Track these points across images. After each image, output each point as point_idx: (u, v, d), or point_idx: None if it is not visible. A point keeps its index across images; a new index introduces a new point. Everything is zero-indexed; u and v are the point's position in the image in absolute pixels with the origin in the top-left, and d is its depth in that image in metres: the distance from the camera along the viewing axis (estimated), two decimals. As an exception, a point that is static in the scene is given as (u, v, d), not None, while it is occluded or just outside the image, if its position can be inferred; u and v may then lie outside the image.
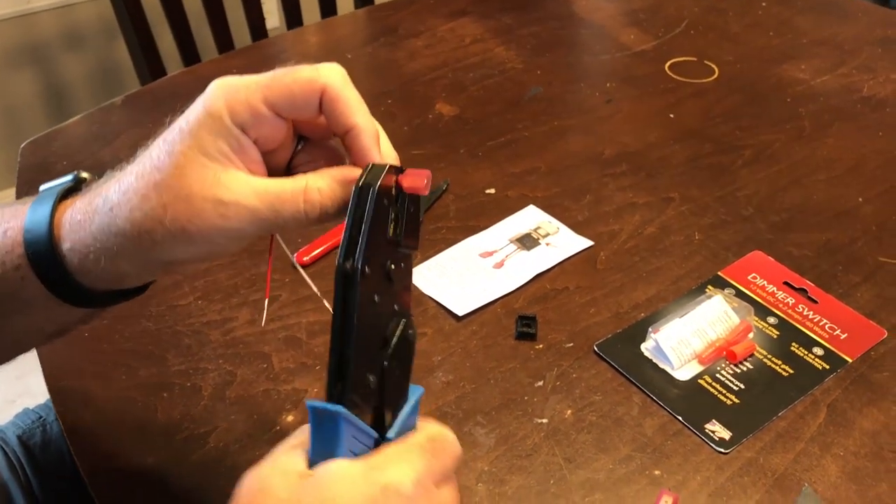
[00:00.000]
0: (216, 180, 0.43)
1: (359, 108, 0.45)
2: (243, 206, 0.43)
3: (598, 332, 0.69)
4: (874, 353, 0.67)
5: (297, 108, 0.45)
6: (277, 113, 0.44)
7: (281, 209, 0.44)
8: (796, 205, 0.83)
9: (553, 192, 0.84)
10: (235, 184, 0.44)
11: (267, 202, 0.44)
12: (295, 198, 0.44)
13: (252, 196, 0.44)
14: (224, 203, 0.43)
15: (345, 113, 0.44)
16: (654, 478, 0.58)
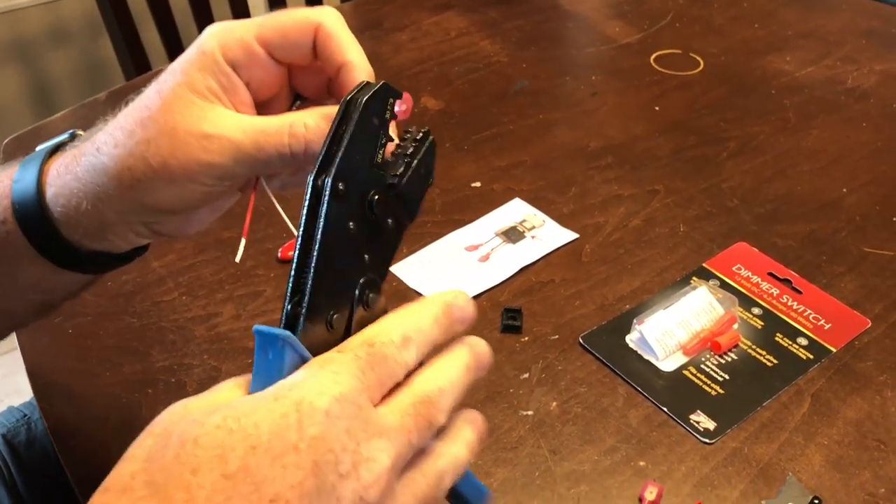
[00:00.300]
0: (202, 115, 0.43)
1: (352, 46, 0.44)
2: (227, 139, 0.43)
3: (583, 325, 0.69)
4: (858, 343, 0.68)
5: (290, 46, 0.44)
6: (271, 53, 0.44)
7: (265, 143, 0.43)
8: (781, 196, 0.83)
9: (538, 185, 0.84)
10: (221, 119, 0.43)
11: (251, 136, 0.43)
12: (280, 132, 0.43)
13: (237, 130, 0.43)
14: (207, 136, 0.43)
15: (338, 50, 0.44)
16: (639, 469, 0.58)
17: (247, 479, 0.32)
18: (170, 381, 0.64)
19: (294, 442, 0.33)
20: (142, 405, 0.63)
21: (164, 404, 0.61)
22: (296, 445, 0.33)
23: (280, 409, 0.33)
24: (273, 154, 0.43)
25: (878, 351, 0.67)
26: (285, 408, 0.33)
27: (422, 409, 0.37)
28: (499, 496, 0.57)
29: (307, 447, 0.33)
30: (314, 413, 0.33)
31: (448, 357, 0.40)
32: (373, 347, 0.37)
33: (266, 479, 0.32)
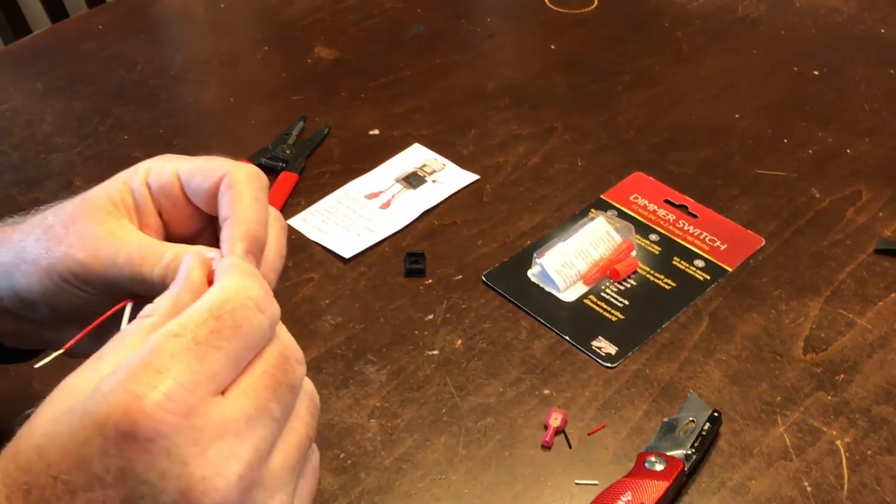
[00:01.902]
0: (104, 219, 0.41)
1: (248, 205, 0.40)
2: (107, 245, 0.40)
3: (485, 263, 0.69)
4: (753, 261, 0.69)
5: (198, 186, 0.41)
6: (184, 189, 0.42)
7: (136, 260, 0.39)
8: (675, 125, 0.84)
9: (437, 129, 0.84)
10: (117, 228, 0.41)
11: (129, 251, 0.40)
12: (154, 254, 0.40)
13: (122, 242, 0.40)
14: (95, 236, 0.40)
15: (231, 202, 0.40)
16: (544, 397, 0.59)
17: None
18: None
19: (98, 474, 0.29)
20: (32, 377, 0.60)
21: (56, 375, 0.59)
22: (101, 479, 0.29)
23: (82, 432, 0.29)
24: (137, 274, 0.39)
25: (772, 267, 0.69)
26: (87, 431, 0.29)
27: (277, 374, 0.33)
28: (406, 435, 0.57)
29: (114, 480, 0.29)
30: (120, 438, 0.29)
31: None
32: (219, 321, 0.32)
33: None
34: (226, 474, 0.30)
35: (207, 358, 0.31)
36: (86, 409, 0.29)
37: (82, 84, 0.89)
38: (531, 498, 0.53)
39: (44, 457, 0.29)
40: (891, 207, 0.74)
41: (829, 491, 0.53)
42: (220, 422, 0.30)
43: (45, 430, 0.30)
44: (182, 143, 0.82)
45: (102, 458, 0.29)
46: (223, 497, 0.30)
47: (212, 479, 0.29)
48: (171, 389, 0.29)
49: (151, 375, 0.29)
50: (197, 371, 0.30)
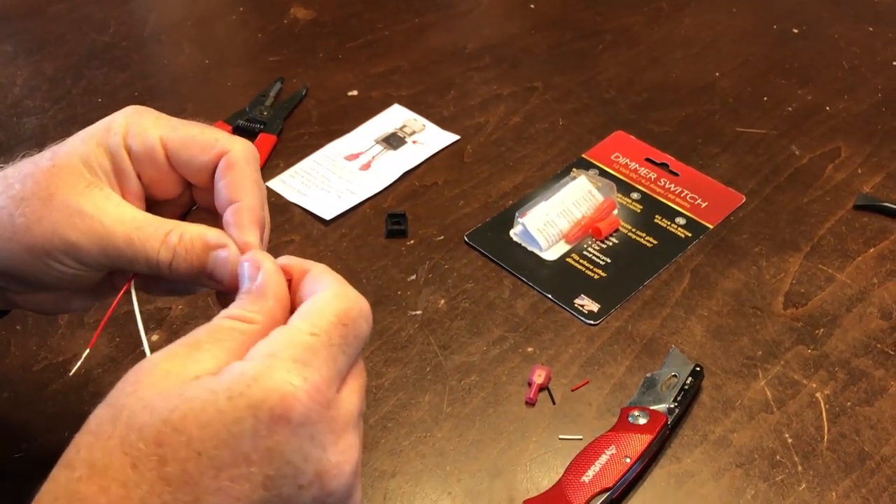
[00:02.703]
0: (85, 191, 0.39)
1: (251, 187, 0.41)
2: (99, 224, 0.39)
3: (468, 224, 0.69)
4: (733, 218, 0.70)
5: (187, 161, 0.41)
6: (169, 158, 0.41)
7: (136, 242, 0.39)
8: (656, 84, 0.83)
9: (417, 89, 0.83)
10: (103, 201, 0.39)
11: (126, 230, 0.39)
12: (155, 235, 0.39)
13: (114, 218, 0.39)
14: (81, 213, 0.39)
15: (233, 186, 0.40)
16: (527, 355, 0.59)
17: (186, 486, 0.30)
18: (40, 315, 0.61)
19: (246, 452, 0.30)
20: (10, 343, 0.59)
21: (35, 339, 0.59)
22: (247, 456, 0.31)
23: (233, 412, 0.30)
24: (141, 255, 0.40)
25: (752, 224, 0.69)
26: (239, 411, 0.31)
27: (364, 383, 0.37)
28: (390, 394, 0.57)
29: (260, 459, 0.31)
30: (273, 421, 0.31)
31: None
32: (346, 328, 0.34)
33: (208, 490, 0.30)
34: (351, 461, 0.33)
35: (338, 359, 0.34)
36: (234, 391, 0.31)
37: (53, 46, 0.87)
38: (516, 453, 0.53)
39: (181, 431, 0.30)
40: (869, 164, 0.75)
41: (809, 442, 0.54)
42: (346, 415, 0.34)
43: (173, 405, 0.31)
44: (157, 105, 0.78)
45: (253, 438, 0.31)
46: (347, 480, 0.33)
47: (342, 465, 0.33)
48: (318, 382, 0.32)
49: (301, 367, 0.32)
50: (332, 368, 0.33)
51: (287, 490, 0.31)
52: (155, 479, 0.30)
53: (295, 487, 0.32)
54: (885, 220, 0.69)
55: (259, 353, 0.33)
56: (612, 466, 0.50)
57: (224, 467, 0.30)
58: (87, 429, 0.32)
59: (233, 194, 0.40)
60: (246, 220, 0.40)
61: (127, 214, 0.40)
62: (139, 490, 0.30)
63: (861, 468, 0.53)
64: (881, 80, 0.84)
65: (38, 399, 0.56)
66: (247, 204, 0.40)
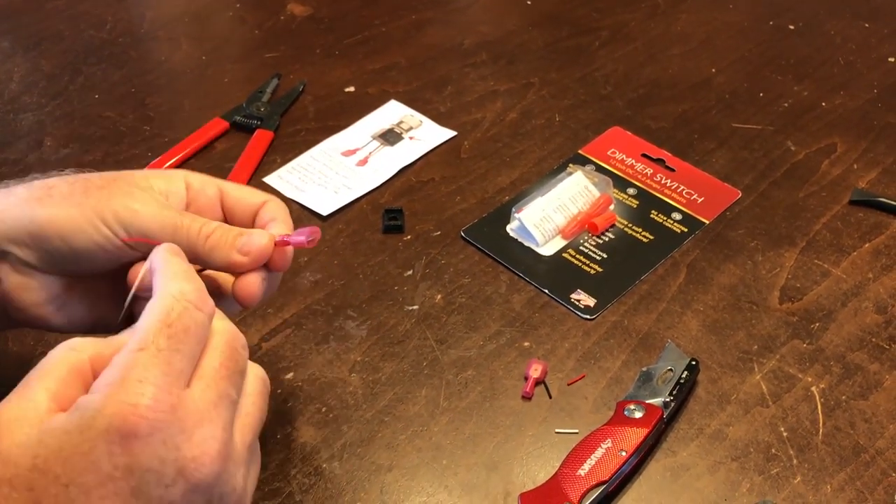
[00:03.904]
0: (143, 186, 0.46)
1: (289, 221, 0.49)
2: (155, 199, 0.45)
3: (464, 219, 0.69)
4: (729, 214, 0.70)
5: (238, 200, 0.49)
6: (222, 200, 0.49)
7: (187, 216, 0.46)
8: (652, 80, 0.84)
9: (414, 85, 0.83)
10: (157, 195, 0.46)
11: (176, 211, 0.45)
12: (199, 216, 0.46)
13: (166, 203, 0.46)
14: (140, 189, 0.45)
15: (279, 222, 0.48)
16: (524, 349, 0.59)
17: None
18: None
19: (108, 472, 0.34)
20: (8, 337, 0.60)
21: (33, 333, 0.59)
22: (111, 475, 0.34)
23: (87, 444, 0.34)
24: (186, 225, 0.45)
25: (748, 219, 0.69)
26: (92, 442, 0.34)
27: (230, 364, 0.39)
28: (387, 388, 0.57)
29: (122, 475, 0.34)
30: (123, 440, 0.34)
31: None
32: (171, 328, 0.37)
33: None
34: (209, 452, 0.36)
35: (172, 361, 0.36)
36: (84, 426, 0.34)
37: (50, 43, 0.87)
38: (512, 447, 0.54)
39: (47, 472, 0.33)
40: (865, 159, 0.75)
41: (804, 435, 0.54)
42: (196, 411, 0.36)
43: (34, 453, 0.34)
44: (154, 101, 0.80)
45: (110, 459, 0.34)
46: (210, 469, 0.35)
47: (200, 458, 0.35)
48: (155, 393, 0.35)
49: (135, 386, 0.35)
50: (168, 374, 0.36)
51: (155, 492, 0.34)
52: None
53: (162, 488, 0.34)
54: (880, 216, 0.70)
55: (100, 384, 0.35)
56: (608, 460, 0.50)
57: (92, 490, 0.33)
58: None
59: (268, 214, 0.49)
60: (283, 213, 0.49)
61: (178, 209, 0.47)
62: None
63: (856, 461, 0.53)
64: (876, 76, 0.84)
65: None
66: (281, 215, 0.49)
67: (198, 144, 0.75)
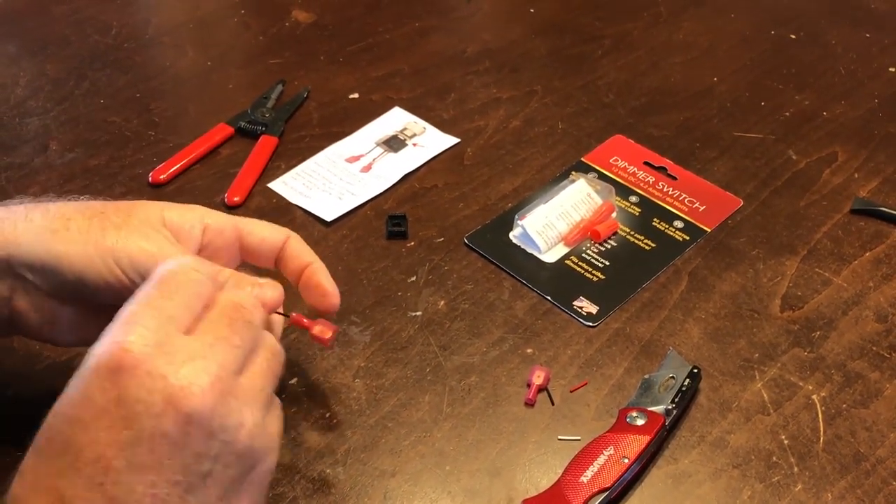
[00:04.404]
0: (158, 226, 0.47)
1: (313, 254, 0.53)
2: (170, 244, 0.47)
3: (467, 226, 0.69)
4: (731, 222, 0.70)
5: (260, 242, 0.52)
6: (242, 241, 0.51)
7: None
8: (655, 88, 0.84)
9: (418, 92, 0.83)
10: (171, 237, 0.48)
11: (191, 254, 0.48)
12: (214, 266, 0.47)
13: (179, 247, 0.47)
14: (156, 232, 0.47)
15: (305, 254, 0.52)
16: (527, 356, 0.60)
17: (69, 450, 0.36)
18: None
19: (102, 405, 0.36)
20: (14, 340, 0.60)
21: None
22: (104, 408, 0.36)
23: (83, 382, 0.36)
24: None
25: (749, 227, 0.70)
26: (87, 379, 0.36)
27: (235, 315, 0.40)
28: (391, 394, 0.57)
29: (115, 406, 0.36)
30: (111, 373, 0.36)
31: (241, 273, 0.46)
32: (163, 281, 0.40)
33: (85, 444, 0.35)
34: (199, 383, 0.37)
35: (163, 307, 0.39)
36: (83, 369, 0.37)
37: (56, 48, 0.87)
38: (515, 454, 0.54)
39: (57, 413, 0.37)
40: (866, 168, 0.75)
41: (805, 443, 0.55)
42: (188, 349, 0.38)
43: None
44: (159, 106, 0.81)
45: (102, 393, 0.36)
46: (200, 400, 0.36)
47: (188, 387, 0.36)
48: (141, 331, 0.37)
49: (124, 327, 0.37)
50: (157, 317, 0.38)
51: (147, 423, 0.36)
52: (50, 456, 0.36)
53: (153, 418, 0.36)
54: (880, 225, 0.70)
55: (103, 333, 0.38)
56: (611, 467, 0.51)
57: (90, 423, 0.36)
58: None
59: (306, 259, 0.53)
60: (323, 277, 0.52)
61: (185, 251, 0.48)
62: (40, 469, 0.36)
63: (857, 469, 0.53)
64: (877, 86, 0.84)
65: (42, 397, 0.56)
66: (319, 265, 0.53)
67: (202, 150, 0.75)
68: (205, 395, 0.37)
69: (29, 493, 0.36)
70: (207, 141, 0.76)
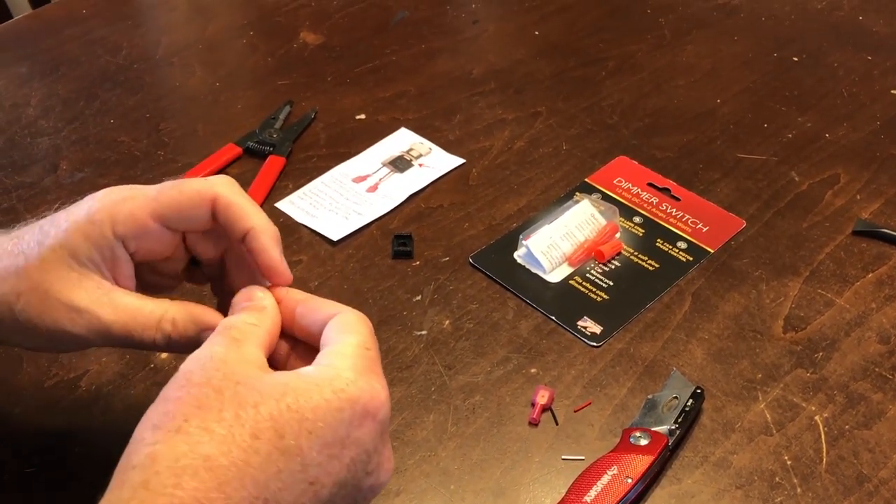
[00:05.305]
0: (77, 283, 0.42)
1: (254, 212, 0.44)
2: (96, 317, 0.42)
3: (472, 245, 0.70)
4: (734, 243, 0.71)
5: (186, 219, 0.44)
6: (166, 225, 0.44)
7: (133, 330, 0.43)
8: (658, 110, 0.85)
9: (424, 113, 0.84)
10: (96, 293, 0.43)
11: (122, 319, 0.43)
12: (149, 323, 0.43)
13: (108, 308, 0.43)
14: (77, 309, 0.42)
15: (240, 216, 0.44)
16: (531, 375, 0.60)
17: (297, 457, 0.36)
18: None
19: (342, 437, 0.37)
20: (22, 359, 0.60)
21: (46, 355, 0.59)
22: (343, 440, 0.37)
23: (337, 402, 0.37)
24: (137, 341, 0.43)
25: (752, 249, 0.70)
26: (342, 403, 0.37)
27: None
28: (395, 413, 0.57)
29: (351, 444, 0.37)
30: (364, 415, 0.38)
31: None
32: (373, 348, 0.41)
33: (312, 463, 0.36)
34: (392, 459, 0.41)
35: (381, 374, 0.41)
36: (337, 387, 0.37)
37: (67, 68, 0.89)
38: (519, 473, 0.54)
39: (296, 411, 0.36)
40: (868, 190, 0.76)
41: (808, 464, 0.55)
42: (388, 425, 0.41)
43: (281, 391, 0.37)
44: (168, 126, 0.82)
45: (348, 426, 0.37)
46: (389, 475, 0.41)
47: (391, 460, 0.41)
48: (387, 396, 0.40)
49: (377, 377, 0.40)
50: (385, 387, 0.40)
51: (360, 473, 0.38)
52: (272, 448, 0.35)
53: (364, 473, 0.38)
54: (883, 246, 0.70)
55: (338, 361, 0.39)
56: (614, 487, 0.51)
57: (326, 446, 0.36)
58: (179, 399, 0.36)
59: (244, 224, 0.44)
60: (265, 242, 0.44)
61: (119, 303, 0.43)
62: (257, 456, 0.35)
63: (859, 491, 0.54)
64: (879, 108, 0.85)
65: (50, 415, 0.57)
66: (259, 226, 0.44)
67: (211, 170, 0.76)
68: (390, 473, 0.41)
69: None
70: (216, 161, 0.77)
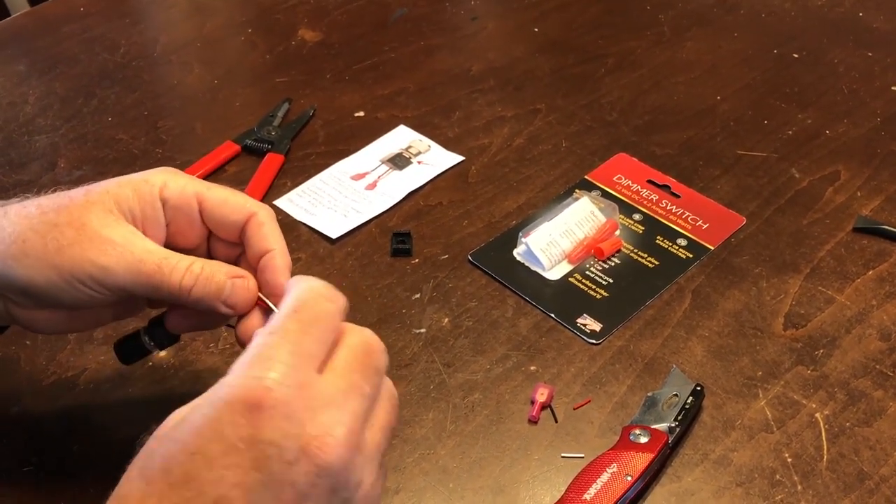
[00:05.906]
0: (116, 224, 0.44)
1: (278, 239, 0.47)
2: (129, 252, 0.44)
3: (471, 243, 0.70)
4: (734, 240, 0.70)
5: (221, 216, 0.47)
6: (203, 215, 0.47)
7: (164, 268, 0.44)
8: (658, 107, 0.85)
9: (423, 111, 0.84)
10: (131, 235, 0.45)
11: (155, 259, 0.44)
12: (179, 265, 0.45)
13: (142, 249, 0.44)
14: (112, 242, 0.44)
15: (265, 239, 0.47)
16: (530, 373, 0.60)
17: (189, 484, 0.34)
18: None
19: (232, 443, 0.34)
20: (20, 357, 0.60)
21: (44, 353, 0.60)
22: (234, 446, 0.34)
23: (214, 413, 0.35)
24: (166, 280, 0.44)
25: (752, 246, 0.70)
26: (218, 411, 0.35)
27: (364, 359, 0.39)
28: (394, 412, 0.57)
29: (246, 446, 0.34)
30: (247, 411, 0.34)
31: None
32: (298, 313, 0.38)
33: (208, 481, 0.34)
34: (335, 434, 0.35)
35: (301, 342, 0.37)
36: (214, 397, 0.35)
37: (65, 66, 0.88)
38: (518, 471, 0.54)
39: (176, 440, 0.35)
40: (869, 187, 0.75)
41: (808, 462, 0.55)
42: (324, 394, 0.36)
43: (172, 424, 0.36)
44: (167, 124, 0.81)
45: (234, 429, 0.34)
46: (335, 453, 0.35)
47: (324, 438, 0.35)
48: (282, 369, 0.36)
49: (263, 363, 0.36)
50: (297, 353, 0.36)
51: (277, 467, 0.34)
52: (164, 487, 0.34)
53: (283, 464, 0.34)
54: (883, 243, 0.70)
55: (234, 366, 0.37)
56: (614, 484, 0.51)
57: (215, 459, 0.34)
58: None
59: (266, 245, 0.47)
60: (281, 264, 0.47)
61: (153, 247, 0.45)
62: (152, 500, 0.34)
63: (860, 488, 0.53)
64: (880, 105, 0.85)
65: (47, 414, 0.57)
66: (279, 251, 0.47)
67: (209, 167, 0.76)
68: (339, 447, 0.35)
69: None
70: (214, 158, 0.77)
